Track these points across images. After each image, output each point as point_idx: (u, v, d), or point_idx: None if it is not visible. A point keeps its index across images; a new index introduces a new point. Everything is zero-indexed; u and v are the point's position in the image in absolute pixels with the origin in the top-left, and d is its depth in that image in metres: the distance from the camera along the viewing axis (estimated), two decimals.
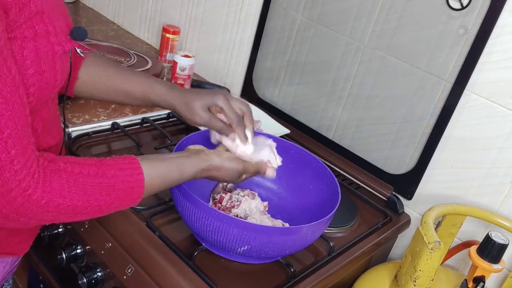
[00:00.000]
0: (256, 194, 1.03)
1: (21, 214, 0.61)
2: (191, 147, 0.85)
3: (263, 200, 1.03)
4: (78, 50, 0.81)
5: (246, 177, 0.87)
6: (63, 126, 0.88)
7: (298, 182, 1.06)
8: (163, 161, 0.76)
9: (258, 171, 0.87)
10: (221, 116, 0.88)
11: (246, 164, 0.85)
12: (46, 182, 0.61)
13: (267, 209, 1.02)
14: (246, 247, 0.82)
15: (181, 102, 0.88)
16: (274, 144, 0.92)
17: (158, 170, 0.74)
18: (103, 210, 0.69)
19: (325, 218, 0.86)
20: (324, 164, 1.03)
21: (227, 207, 0.97)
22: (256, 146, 0.88)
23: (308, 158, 1.05)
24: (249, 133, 0.88)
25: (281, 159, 0.91)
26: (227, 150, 0.86)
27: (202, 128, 1.25)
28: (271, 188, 1.09)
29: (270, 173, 0.89)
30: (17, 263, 0.87)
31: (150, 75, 0.95)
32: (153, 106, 0.94)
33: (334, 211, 0.88)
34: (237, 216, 0.95)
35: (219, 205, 0.98)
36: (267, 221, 0.97)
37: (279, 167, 1.09)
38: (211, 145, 1.06)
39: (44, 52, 0.64)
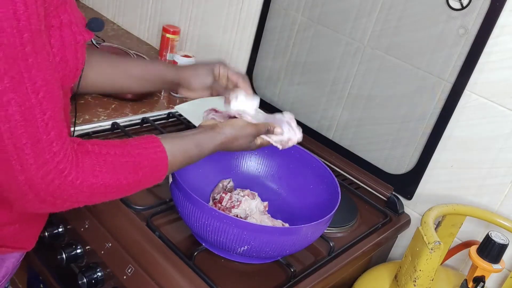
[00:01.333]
0: (256, 194, 1.03)
1: (57, 196, 0.62)
2: (204, 122, 0.86)
3: (263, 200, 1.03)
4: (94, 42, 0.83)
5: (261, 143, 0.88)
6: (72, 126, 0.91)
7: (298, 182, 1.06)
8: (182, 138, 0.78)
9: (269, 130, 0.88)
10: (223, 81, 0.93)
11: (257, 126, 0.86)
12: (79, 163, 0.63)
13: (267, 209, 1.02)
14: (246, 247, 0.82)
15: (185, 68, 0.92)
16: (291, 117, 0.91)
17: (179, 147, 0.76)
18: (132, 188, 0.71)
19: (325, 218, 0.86)
20: (324, 164, 1.03)
21: (227, 207, 0.97)
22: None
23: (308, 158, 1.05)
24: (250, 90, 0.91)
25: (301, 130, 0.92)
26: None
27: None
28: (271, 188, 1.09)
29: (279, 130, 0.89)
30: (21, 259, 0.89)
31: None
32: (156, 85, 0.95)
33: (334, 211, 0.88)
34: (237, 216, 0.95)
35: (219, 205, 0.98)
36: (267, 221, 0.97)
37: (279, 167, 1.09)
38: None
39: (68, 41, 0.66)
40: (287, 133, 0.90)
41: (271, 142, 0.88)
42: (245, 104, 0.87)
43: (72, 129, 0.88)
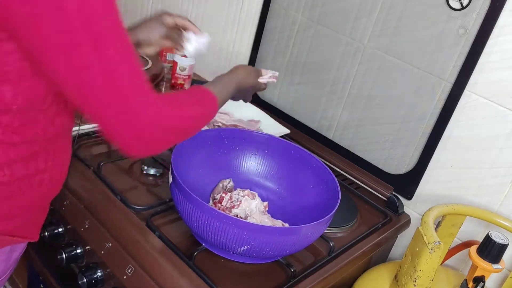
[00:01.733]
0: (256, 194, 1.03)
1: (147, 135, 0.70)
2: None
3: (263, 200, 1.03)
4: None
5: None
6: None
7: (298, 182, 1.06)
8: (218, 84, 0.91)
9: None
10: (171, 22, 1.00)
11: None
12: (162, 100, 0.71)
13: (267, 209, 1.02)
14: (246, 247, 0.82)
15: (140, 30, 0.98)
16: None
17: (221, 90, 0.90)
18: (205, 119, 0.83)
19: (325, 218, 0.86)
20: (324, 164, 1.03)
21: (227, 207, 0.97)
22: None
23: (308, 158, 1.05)
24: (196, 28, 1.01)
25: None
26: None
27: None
28: (271, 188, 1.09)
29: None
30: (22, 253, 0.91)
31: None
32: None
33: (334, 211, 0.88)
34: (237, 216, 0.95)
35: (219, 205, 0.98)
36: (267, 221, 0.97)
37: (279, 167, 1.09)
38: (211, 145, 1.06)
39: None
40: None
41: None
42: (198, 42, 0.98)
43: (76, 128, 0.91)
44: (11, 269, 0.89)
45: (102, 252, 0.96)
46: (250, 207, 0.98)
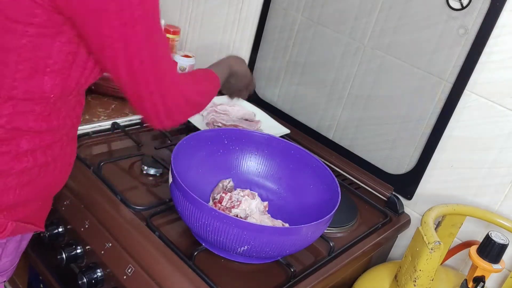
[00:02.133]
0: (256, 194, 1.03)
1: (174, 106, 0.79)
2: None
3: (263, 200, 1.03)
4: None
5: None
6: None
7: (298, 182, 1.06)
8: (215, 68, 1.01)
9: None
10: None
11: None
12: (184, 80, 0.84)
13: (267, 209, 1.02)
14: (246, 247, 0.82)
15: None
16: None
17: (219, 72, 1.00)
18: (210, 96, 0.93)
19: (325, 218, 0.86)
20: (324, 164, 1.03)
21: (227, 207, 0.97)
22: None
23: (308, 158, 1.05)
24: None
25: None
26: None
27: (202, 128, 1.26)
28: (271, 188, 1.09)
29: None
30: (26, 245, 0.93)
31: None
32: None
33: (334, 211, 0.88)
34: (237, 216, 0.95)
35: (219, 205, 0.98)
36: (267, 221, 0.97)
37: (279, 167, 1.09)
38: (211, 145, 1.06)
39: None
40: None
41: None
42: None
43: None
44: (18, 260, 0.92)
45: (102, 252, 0.96)
46: (250, 207, 0.98)
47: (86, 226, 0.99)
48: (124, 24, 0.66)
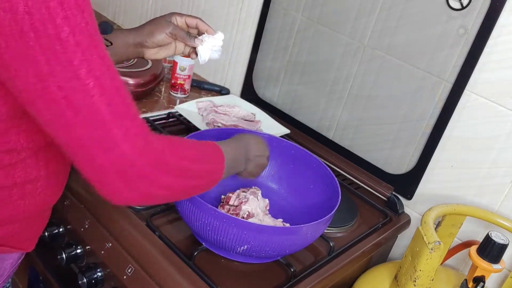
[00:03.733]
0: (259, 192, 1.02)
1: (158, 166, 0.62)
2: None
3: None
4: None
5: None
6: None
7: (298, 182, 1.06)
8: (230, 150, 0.82)
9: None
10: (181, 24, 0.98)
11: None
12: (152, 144, 0.62)
13: (268, 208, 1.02)
14: (246, 246, 0.82)
15: (145, 27, 0.94)
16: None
17: (229, 148, 0.81)
18: (205, 176, 0.74)
19: (325, 218, 0.86)
20: (324, 164, 1.03)
21: (236, 205, 0.97)
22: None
23: (308, 158, 1.05)
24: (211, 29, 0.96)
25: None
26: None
27: (202, 128, 1.26)
28: (272, 188, 1.09)
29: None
30: (20, 260, 0.88)
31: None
32: (125, 57, 0.95)
33: (334, 211, 0.88)
34: (248, 212, 0.95)
35: (227, 206, 0.98)
36: (269, 220, 0.98)
37: (280, 167, 1.09)
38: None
39: None
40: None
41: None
42: (212, 42, 0.93)
43: None
44: (5, 277, 0.86)
45: (102, 252, 0.96)
46: (256, 209, 0.98)
47: (86, 226, 1.00)
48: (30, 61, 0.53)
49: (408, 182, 1.22)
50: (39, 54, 0.53)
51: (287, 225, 0.99)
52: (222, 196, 1.02)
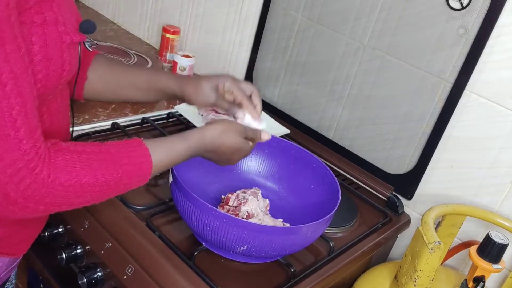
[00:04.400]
0: (260, 191, 1.02)
1: (29, 197, 0.60)
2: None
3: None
4: (87, 45, 0.81)
5: (252, 145, 0.86)
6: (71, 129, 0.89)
7: (299, 182, 1.06)
8: (165, 138, 0.77)
9: (255, 137, 0.87)
10: (228, 97, 0.89)
11: (244, 127, 0.85)
12: (51, 160, 0.61)
13: (268, 208, 1.02)
14: (246, 246, 0.82)
15: (189, 84, 0.89)
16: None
17: (163, 143, 0.74)
18: (112, 188, 0.68)
19: (325, 218, 0.86)
20: (324, 164, 1.03)
21: (235, 206, 0.97)
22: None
23: (308, 158, 1.05)
24: (259, 110, 0.88)
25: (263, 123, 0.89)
26: None
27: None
28: (272, 188, 1.09)
29: (266, 136, 0.88)
30: (15, 264, 0.87)
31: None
32: (160, 97, 0.94)
33: (334, 211, 0.88)
34: (247, 213, 0.95)
35: (227, 206, 0.98)
36: (269, 221, 0.98)
37: (280, 167, 1.09)
38: None
39: (52, 39, 0.64)
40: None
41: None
42: (251, 125, 0.86)
43: (70, 129, 0.88)
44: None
45: (102, 252, 0.96)
46: (256, 210, 0.98)
47: (86, 226, 0.99)
48: None
49: (408, 182, 1.22)
50: None
51: (287, 225, 0.99)
52: (222, 197, 1.02)
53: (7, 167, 0.57)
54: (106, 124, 1.22)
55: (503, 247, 0.89)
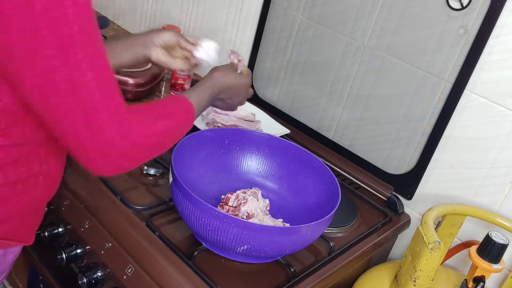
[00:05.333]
0: (260, 192, 1.02)
1: (114, 152, 0.66)
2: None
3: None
4: None
5: (247, 77, 1.00)
6: None
7: (299, 182, 1.06)
8: (194, 91, 0.89)
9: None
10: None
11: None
12: (130, 118, 0.68)
13: (268, 208, 1.02)
14: (245, 246, 0.82)
15: (150, 32, 0.96)
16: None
17: (195, 95, 0.88)
18: (178, 130, 0.81)
19: (324, 218, 0.86)
20: (324, 164, 1.03)
21: (235, 206, 0.97)
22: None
23: (308, 158, 1.05)
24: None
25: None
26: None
27: (202, 128, 1.26)
28: (272, 188, 1.09)
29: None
30: (17, 256, 0.89)
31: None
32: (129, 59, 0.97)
33: (334, 211, 0.88)
34: (247, 213, 0.95)
35: (227, 206, 0.98)
36: (269, 221, 0.98)
37: (280, 167, 1.09)
38: (211, 145, 1.06)
39: None
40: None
41: None
42: (208, 49, 0.97)
43: None
44: (6, 273, 0.89)
45: (102, 252, 0.96)
46: (256, 210, 0.98)
47: (86, 226, 1.00)
48: (25, 32, 0.56)
49: (408, 182, 1.22)
50: (49, 49, 0.57)
51: (287, 225, 0.99)
52: (222, 197, 1.02)
53: (101, 129, 0.64)
54: None
55: (503, 247, 0.89)
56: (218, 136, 1.07)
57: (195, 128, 1.29)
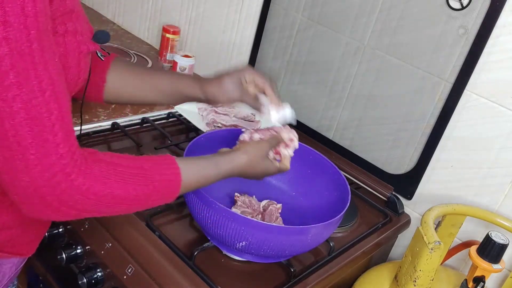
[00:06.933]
0: (254, 197, 1.03)
1: (63, 201, 0.61)
2: (223, 150, 0.86)
3: (277, 202, 1.03)
4: (99, 54, 0.83)
5: (280, 167, 0.89)
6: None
7: (311, 186, 1.06)
8: (198, 159, 0.79)
9: (279, 141, 0.89)
10: (251, 90, 0.91)
11: (268, 141, 0.87)
12: (87, 169, 0.62)
13: (280, 211, 1.02)
14: (244, 242, 0.82)
15: (211, 84, 0.89)
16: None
17: (194, 165, 0.77)
18: (141, 202, 0.70)
19: (325, 222, 0.85)
20: (338, 170, 1.02)
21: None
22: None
23: (324, 164, 1.04)
24: (278, 97, 0.91)
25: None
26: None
27: (202, 128, 1.25)
28: (285, 190, 1.09)
29: (285, 133, 0.90)
30: (21, 266, 0.87)
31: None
32: (182, 100, 0.94)
33: (338, 216, 0.88)
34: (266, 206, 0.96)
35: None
36: (269, 220, 0.98)
37: (297, 172, 1.07)
38: (218, 146, 1.05)
39: (71, 49, 0.66)
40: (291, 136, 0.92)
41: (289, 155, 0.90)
42: (281, 116, 0.89)
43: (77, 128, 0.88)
44: (6, 283, 0.85)
45: (102, 252, 0.96)
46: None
47: (86, 226, 0.99)
48: None
49: (408, 182, 1.22)
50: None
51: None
52: (236, 194, 1.02)
53: (44, 171, 0.58)
54: (106, 124, 1.22)
55: (503, 247, 0.89)
56: (232, 137, 1.05)
57: (195, 128, 1.29)
